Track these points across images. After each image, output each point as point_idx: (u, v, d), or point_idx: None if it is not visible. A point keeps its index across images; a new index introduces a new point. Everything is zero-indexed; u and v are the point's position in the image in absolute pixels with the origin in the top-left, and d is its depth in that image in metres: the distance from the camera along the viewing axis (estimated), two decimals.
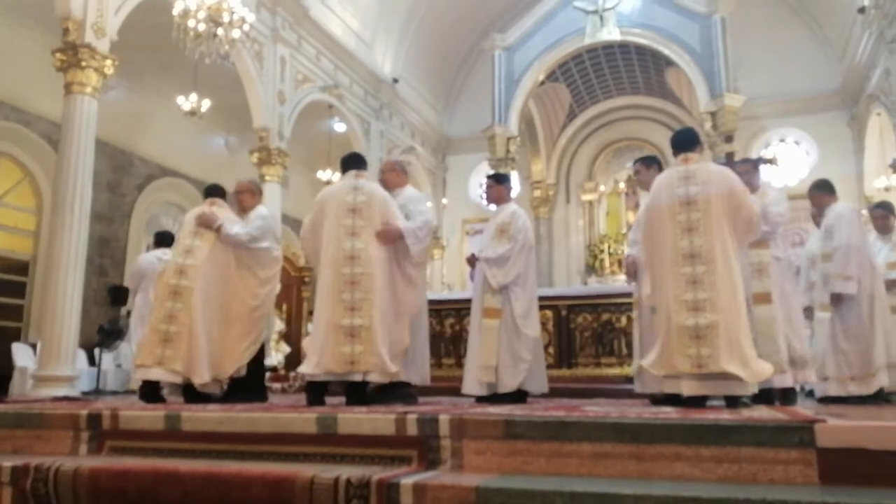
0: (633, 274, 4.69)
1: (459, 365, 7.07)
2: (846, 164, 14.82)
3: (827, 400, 5.01)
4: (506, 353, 4.61)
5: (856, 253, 5.03)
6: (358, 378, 3.96)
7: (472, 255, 4.97)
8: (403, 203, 4.67)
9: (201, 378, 4.52)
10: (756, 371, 3.49)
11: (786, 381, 4.28)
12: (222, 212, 5.07)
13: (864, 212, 7.43)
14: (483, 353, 4.62)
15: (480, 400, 4.58)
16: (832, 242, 5.09)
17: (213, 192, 5.28)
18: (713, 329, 3.46)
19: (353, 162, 4.59)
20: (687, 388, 3.50)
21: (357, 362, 3.92)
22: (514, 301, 4.70)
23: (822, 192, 5.46)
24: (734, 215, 3.69)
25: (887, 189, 12.88)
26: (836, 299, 5.00)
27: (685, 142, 4.00)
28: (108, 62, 8.22)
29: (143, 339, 4.75)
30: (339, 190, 4.41)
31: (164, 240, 7.27)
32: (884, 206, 6.29)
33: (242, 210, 5.18)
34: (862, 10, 12.35)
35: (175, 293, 4.64)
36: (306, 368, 4.01)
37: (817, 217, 5.50)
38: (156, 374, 4.51)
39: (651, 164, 4.81)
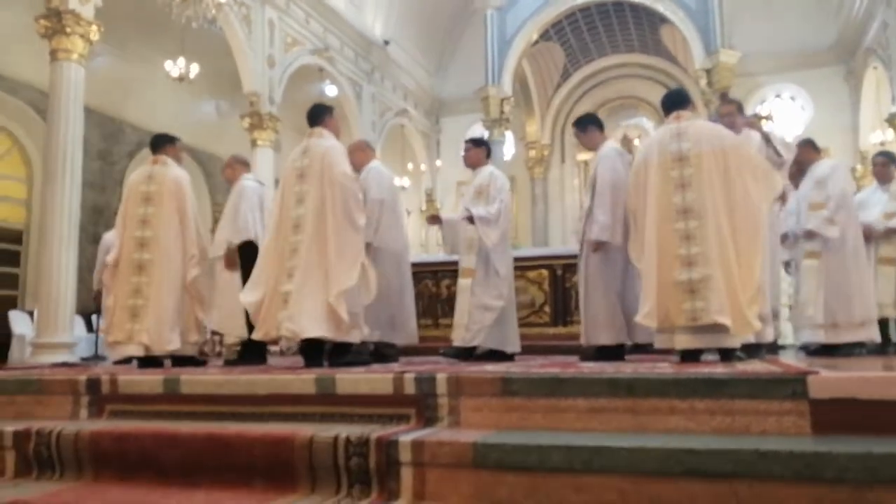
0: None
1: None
2: (842, 118, 14.75)
3: (811, 350, 5.10)
4: (476, 309, 4.67)
5: (848, 204, 5.14)
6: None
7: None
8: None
9: (171, 344, 4.54)
10: (745, 323, 3.51)
11: (768, 335, 4.30)
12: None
13: (858, 166, 7.42)
14: (457, 312, 4.69)
15: (457, 356, 4.61)
16: (824, 191, 5.16)
17: (159, 143, 5.11)
18: (706, 282, 3.50)
19: (309, 118, 4.42)
20: (679, 342, 3.55)
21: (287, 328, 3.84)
22: (497, 262, 4.73)
23: (808, 147, 5.56)
24: (725, 172, 3.66)
25: (883, 143, 12.83)
26: (810, 235, 5.15)
27: (676, 101, 4.03)
28: (94, 28, 8.07)
29: (114, 316, 4.69)
30: (293, 155, 4.30)
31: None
32: (885, 154, 6.32)
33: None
34: None
35: (139, 267, 4.62)
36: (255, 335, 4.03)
37: (796, 175, 5.52)
38: (130, 349, 4.54)
39: (588, 125, 4.75)
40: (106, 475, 2.60)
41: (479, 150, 5.15)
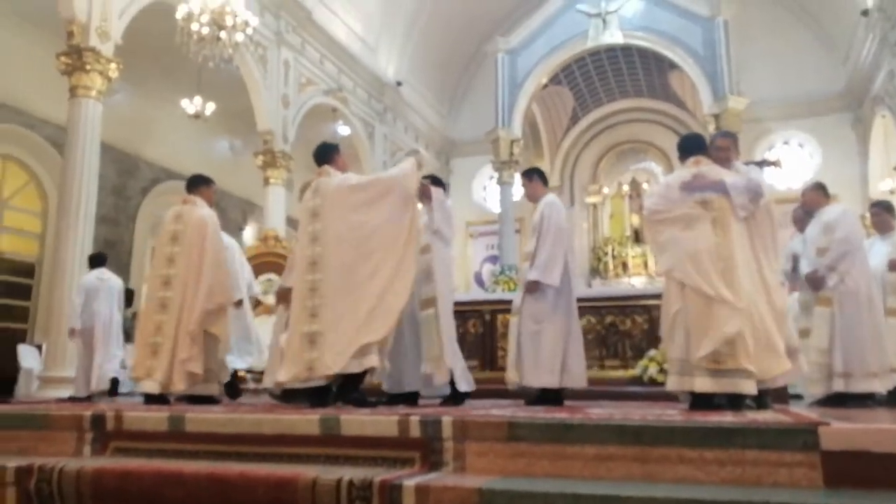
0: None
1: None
2: (850, 166, 14.79)
3: (825, 401, 5.00)
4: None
5: (854, 252, 5.09)
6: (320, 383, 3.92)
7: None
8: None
9: (177, 386, 4.50)
10: (766, 368, 3.53)
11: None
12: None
13: (867, 214, 7.39)
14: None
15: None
16: (831, 236, 5.10)
17: (194, 183, 5.13)
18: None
19: (316, 158, 4.46)
20: (700, 385, 3.54)
21: (313, 368, 3.86)
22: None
23: (818, 192, 5.51)
24: (748, 217, 3.77)
25: (892, 192, 12.84)
26: (810, 279, 5.10)
27: (694, 146, 4.10)
28: (113, 66, 8.26)
29: (136, 354, 4.73)
30: (306, 195, 4.34)
31: (98, 261, 7.67)
32: (880, 205, 6.30)
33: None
34: (865, 12, 12.33)
35: (162, 305, 4.62)
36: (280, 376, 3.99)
37: (801, 220, 5.53)
38: (148, 386, 4.52)
39: (532, 176, 4.99)
40: None
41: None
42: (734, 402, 3.56)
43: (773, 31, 15.47)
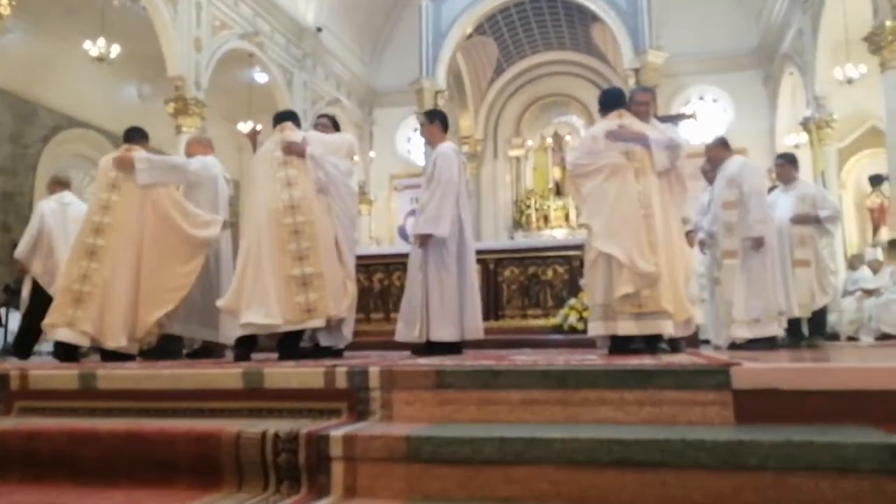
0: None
1: (388, 320, 7.08)
2: (760, 121, 15.44)
3: (733, 345, 5.24)
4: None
5: (764, 200, 5.31)
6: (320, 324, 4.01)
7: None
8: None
9: (115, 342, 4.33)
10: (682, 309, 3.76)
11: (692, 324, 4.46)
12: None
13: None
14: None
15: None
16: (740, 190, 5.21)
17: (132, 135, 4.96)
18: (658, 271, 3.68)
19: (280, 117, 4.51)
20: (623, 329, 3.69)
21: (314, 310, 3.93)
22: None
23: (720, 146, 5.63)
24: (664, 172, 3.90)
25: (797, 146, 13.49)
26: (759, 242, 5.11)
27: (616, 100, 4.20)
28: (5, 1, 7.60)
29: (55, 299, 4.49)
30: (266, 147, 4.37)
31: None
32: (784, 157, 6.56)
33: None
34: None
35: (91, 252, 4.41)
36: (258, 318, 3.90)
37: (709, 172, 5.66)
38: (63, 334, 4.30)
39: (433, 119, 4.90)
40: (14, 477, 2.44)
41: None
42: (650, 345, 3.70)
43: None
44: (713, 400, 2.31)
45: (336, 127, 4.75)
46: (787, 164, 6.34)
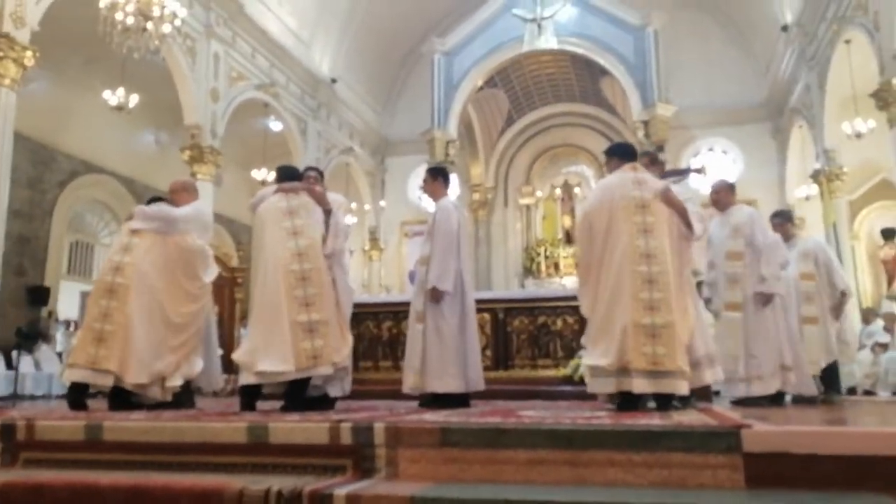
0: None
1: (397, 368, 7.03)
2: (770, 172, 15.50)
3: (739, 402, 5.11)
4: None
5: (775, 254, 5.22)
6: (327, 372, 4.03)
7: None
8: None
9: (136, 379, 4.34)
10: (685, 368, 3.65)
11: (707, 377, 4.39)
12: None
13: None
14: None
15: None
16: (750, 241, 5.09)
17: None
18: (669, 328, 3.61)
19: (285, 174, 4.63)
20: (637, 386, 3.59)
21: (319, 357, 3.96)
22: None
23: (728, 190, 5.53)
24: (670, 224, 3.91)
25: (807, 198, 13.51)
26: (769, 299, 5.02)
27: (629, 153, 4.26)
28: (29, 53, 7.85)
29: (77, 339, 4.55)
30: (272, 200, 4.46)
31: None
32: (780, 215, 6.40)
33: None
34: (785, 28, 12.93)
35: (110, 291, 4.47)
36: (268, 366, 3.91)
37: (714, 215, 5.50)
38: (83, 375, 4.31)
39: (437, 175, 5.00)
40: None
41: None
42: (662, 401, 3.65)
43: (701, 42, 16.05)
44: (723, 463, 2.27)
45: (322, 179, 4.86)
46: (785, 223, 6.24)
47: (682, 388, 3.61)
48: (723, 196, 5.49)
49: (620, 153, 4.24)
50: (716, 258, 5.31)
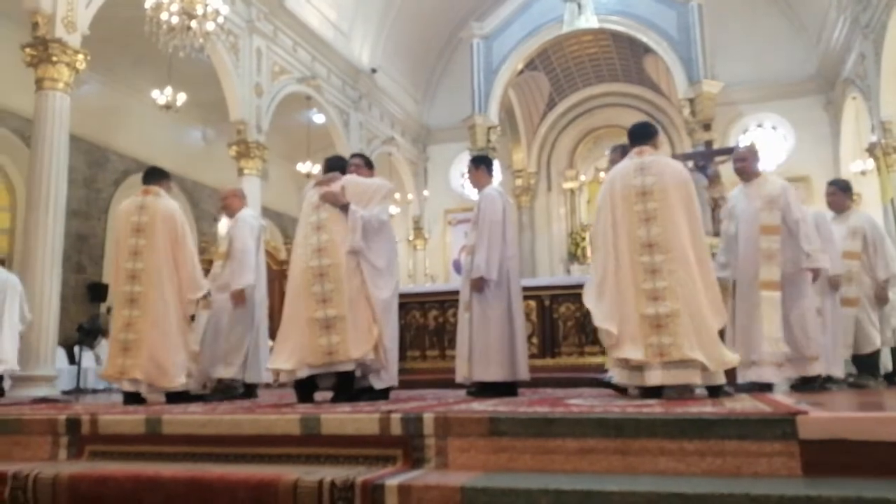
0: None
1: (443, 357, 7.08)
2: (823, 148, 14.98)
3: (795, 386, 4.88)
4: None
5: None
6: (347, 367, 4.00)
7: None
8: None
9: (171, 382, 4.46)
10: (720, 359, 3.53)
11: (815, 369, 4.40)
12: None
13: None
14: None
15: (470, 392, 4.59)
16: (787, 214, 4.70)
17: (152, 176, 4.99)
18: (674, 318, 3.52)
19: (329, 165, 4.64)
20: (650, 378, 3.51)
21: (335, 353, 3.95)
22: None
23: (754, 156, 5.04)
24: (689, 205, 3.75)
25: (863, 173, 13.03)
26: (816, 275, 4.75)
27: (641, 134, 4.06)
28: (80, 57, 8.08)
29: (108, 350, 4.72)
30: (308, 192, 4.49)
31: None
32: (834, 183, 6.07)
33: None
34: None
35: (131, 300, 4.54)
36: (279, 363, 4.01)
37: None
38: (123, 384, 4.47)
39: (479, 165, 5.04)
40: None
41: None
42: (713, 392, 3.58)
43: (747, 14, 15.56)
44: (779, 451, 2.23)
45: (369, 166, 4.75)
46: (839, 192, 5.90)
47: (696, 378, 3.49)
48: (749, 164, 4.98)
49: (632, 137, 4.10)
50: (744, 232, 4.80)
